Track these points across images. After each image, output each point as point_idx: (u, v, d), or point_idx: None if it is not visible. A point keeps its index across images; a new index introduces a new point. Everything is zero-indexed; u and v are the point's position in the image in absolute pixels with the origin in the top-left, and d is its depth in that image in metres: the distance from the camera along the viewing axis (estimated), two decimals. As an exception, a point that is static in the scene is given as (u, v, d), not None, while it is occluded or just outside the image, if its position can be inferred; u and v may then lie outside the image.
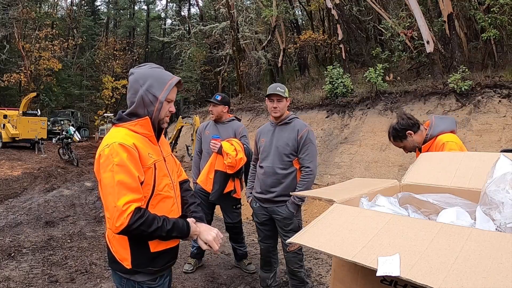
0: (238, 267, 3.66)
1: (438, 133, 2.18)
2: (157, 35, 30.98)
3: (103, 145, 1.41)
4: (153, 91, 1.45)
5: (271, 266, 2.94)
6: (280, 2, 14.21)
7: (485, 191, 1.05)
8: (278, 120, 2.76)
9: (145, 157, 1.43)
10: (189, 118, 15.49)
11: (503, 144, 5.29)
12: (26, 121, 14.32)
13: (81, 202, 6.78)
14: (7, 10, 20.68)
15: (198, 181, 3.31)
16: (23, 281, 3.25)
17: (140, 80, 1.45)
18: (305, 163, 2.65)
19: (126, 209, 1.32)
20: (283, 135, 2.72)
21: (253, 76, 14.52)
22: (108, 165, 1.35)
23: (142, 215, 1.35)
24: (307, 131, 2.68)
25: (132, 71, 1.49)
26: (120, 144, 1.36)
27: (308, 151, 2.65)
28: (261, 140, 2.88)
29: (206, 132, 3.46)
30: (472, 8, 8.11)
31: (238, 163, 3.24)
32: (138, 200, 1.37)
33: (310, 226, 1.02)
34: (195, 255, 3.61)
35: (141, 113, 1.47)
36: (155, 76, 1.47)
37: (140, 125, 1.46)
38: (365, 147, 7.12)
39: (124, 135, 1.41)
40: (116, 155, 1.35)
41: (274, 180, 2.70)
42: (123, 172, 1.34)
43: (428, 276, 0.72)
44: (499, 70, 7.08)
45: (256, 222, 2.92)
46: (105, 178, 1.36)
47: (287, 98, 2.75)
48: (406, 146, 2.35)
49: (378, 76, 7.70)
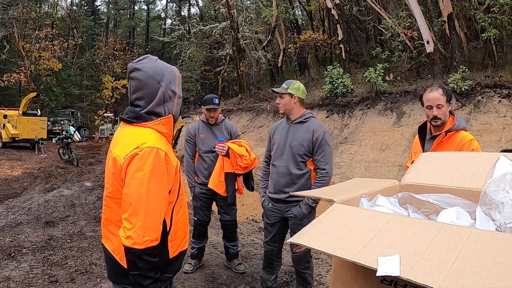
0: (228, 266, 3.63)
1: (462, 127, 2.15)
2: (157, 35, 31.03)
3: (131, 146, 1.27)
4: (172, 87, 1.38)
5: (273, 268, 2.91)
6: (280, 2, 14.22)
7: (485, 191, 1.05)
8: (293, 118, 2.67)
9: (173, 161, 1.35)
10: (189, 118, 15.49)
11: (503, 144, 5.29)
12: (26, 121, 14.32)
13: (81, 202, 6.78)
14: (7, 10, 20.69)
15: (210, 186, 3.29)
16: (23, 281, 3.25)
17: (157, 76, 1.34)
18: (320, 165, 2.57)
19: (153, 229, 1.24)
20: (298, 134, 2.63)
21: (253, 76, 14.53)
22: (140, 171, 1.24)
23: (156, 254, 1.28)
24: (323, 132, 2.59)
25: (137, 66, 1.35)
26: (156, 149, 1.26)
27: (324, 153, 2.57)
28: (275, 137, 2.78)
29: (201, 135, 3.39)
30: (472, 8, 8.11)
31: (253, 162, 3.31)
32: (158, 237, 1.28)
33: (310, 226, 1.02)
34: (196, 256, 3.61)
35: (160, 111, 1.36)
36: (167, 71, 1.38)
37: (163, 124, 1.36)
38: (365, 147, 7.12)
39: (156, 139, 1.30)
40: (150, 163, 1.24)
41: (288, 181, 2.63)
42: (158, 184, 1.25)
43: (428, 276, 0.72)
44: (499, 70, 7.09)
45: (266, 222, 2.85)
46: (132, 186, 1.24)
47: (293, 95, 2.63)
48: (444, 111, 2.16)
49: (378, 76, 7.71)
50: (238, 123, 12.20)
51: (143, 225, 1.22)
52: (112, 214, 1.37)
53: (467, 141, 2.08)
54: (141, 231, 1.21)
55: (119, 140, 1.36)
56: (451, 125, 2.16)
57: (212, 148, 3.32)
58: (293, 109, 2.65)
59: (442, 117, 2.18)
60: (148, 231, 1.22)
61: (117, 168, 1.29)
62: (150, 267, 1.25)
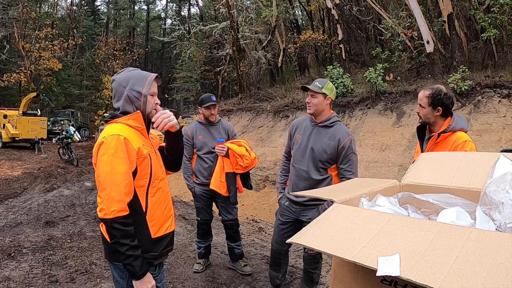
0: (233, 268, 3.58)
1: (459, 128, 2.15)
2: (157, 35, 31.01)
3: (100, 138, 1.55)
4: (136, 88, 1.61)
5: (280, 266, 2.88)
6: (280, 2, 14.22)
7: (485, 191, 1.05)
8: (319, 120, 2.53)
9: (140, 148, 1.57)
10: (189, 118, 15.50)
11: (503, 144, 5.29)
12: (26, 121, 14.31)
13: (81, 202, 6.78)
14: (7, 10, 20.68)
15: (212, 187, 3.28)
16: (23, 281, 3.25)
17: (123, 83, 1.62)
18: (347, 175, 2.44)
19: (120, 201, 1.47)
20: (322, 139, 2.50)
21: (253, 76, 14.51)
22: (104, 154, 1.49)
23: (128, 224, 1.49)
24: (350, 140, 2.45)
25: (114, 78, 1.66)
26: (117, 135, 1.51)
27: (350, 162, 2.45)
28: (296, 136, 2.65)
29: (199, 137, 3.38)
30: (472, 8, 8.11)
31: (253, 162, 3.32)
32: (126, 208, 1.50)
33: (310, 226, 1.02)
34: (203, 255, 3.62)
35: (130, 110, 1.62)
36: (135, 76, 1.64)
37: (133, 119, 1.60)
38: (365, 147, 7.12)
39: (120, 129, 1.55)
40: (112, 147, 1.49)
41: (306, 185, 2.52)
42: (119, 163, 1.49)
43: (428, 276, 0.72)
44: (499, 70, 7.08)
45: (279, 220, 2.78)
46: (99, 167, 1.50)
47: (327, 96, 2.49)
48: (425, 113, 2.22)
49: (378, 76, 7.71)
50: (238, 123, 12.20)
51: (110, 197, 1.46)
52: None
53: (461, 143, 2.08)
54: (108, 203, 1.45)
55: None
56: (446, 126, 2.17)
57: (212, 149, 3.32)
58: (324, 110, 2.51)
59: (423, 117, 2.24)
60: (114, 202, 1.46)
61: (94, 155, 1.57)
62: (123, 235, 1.46)
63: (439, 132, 2.17)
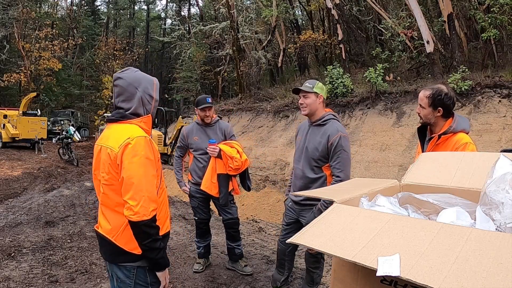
0: (233, 269, 3.58)
1: (460, 130, 2.13)
2: (157, 35, 31.02)
3: (122, 138, 1.52)
4: (149, 91, 1.65)
5: (284, 269, 2.89)
6: (280, 2, 14.22)
7: (485, 191, 1.05)
8: (313, 120, 2.57)
9: (155, 150, 1.63)
10: (189, 118, 15.49)
11: (503, 144, 5.29)
12: (26, 121, 14.30)
13: (81, 202, 6.78)
14: (7, 10, 20.67)
15: (203, 187, 3.29)
16: (23, 281, 3.25)
17: (134, 83, 1.61)
18: (335, 172, 2.43)
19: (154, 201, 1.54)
20: (315, 137, 2.52)
21: (253, 76, 14.50)
22: (135, 156, 1.50)
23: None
24: (339, 137, 2.42)
25: (120, 75, 1.62)
26: (144, 137, 1.54)
27: (339, 159, 2.41)
28: (298, 138, 2.73)
29: (195, 138, 3.39)
30: (472, 8, 8.11)
31: (244, 164, 3.30)
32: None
33: (310, 226, 1.02)
34: (203, 255, 3.62)
35: (141, 112, 1.63)
36: (144, 78, 1.66)
37: (144, 122, 1.63)
38: (365, 147, 7.12)
39: (141, 131, 1.58)
40: (142, 149, 1.51)
41: (302, 184, 2.57)
42: (150, 165, 1.54)
43: (428, 276, 0.72)
44: (499, 70, 7.08)
45: (283, 220, 2.86)
46: (131, 169, 1.49)
47: (319, 95, 2.52)
48: (425, 114, 2.20)
49: (378, 76, 7.71)
50: (238, 123, 12.20)
51: (147, 198, 1.48)
52: (108, 200, 1.58)
53: (462, 144, 2.06)
54: (146, 204, 1.48)
55: (110, 135, 1.59)
56: (447, 127, 2.15)
57: (205, 150, 3.33)
58: (318, 109, 2.54)
59: (423, 118, 2.23)
60: (151, 203, 1.50)
61: (113, 156, 1.52)
62: (157, 231, 1.54)
63: (439, 134, 2.15)
